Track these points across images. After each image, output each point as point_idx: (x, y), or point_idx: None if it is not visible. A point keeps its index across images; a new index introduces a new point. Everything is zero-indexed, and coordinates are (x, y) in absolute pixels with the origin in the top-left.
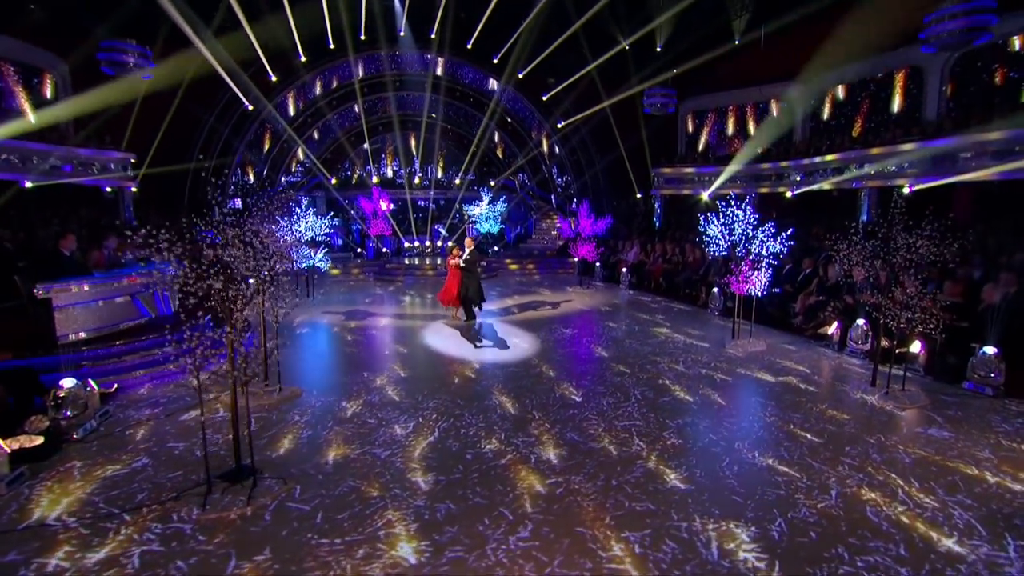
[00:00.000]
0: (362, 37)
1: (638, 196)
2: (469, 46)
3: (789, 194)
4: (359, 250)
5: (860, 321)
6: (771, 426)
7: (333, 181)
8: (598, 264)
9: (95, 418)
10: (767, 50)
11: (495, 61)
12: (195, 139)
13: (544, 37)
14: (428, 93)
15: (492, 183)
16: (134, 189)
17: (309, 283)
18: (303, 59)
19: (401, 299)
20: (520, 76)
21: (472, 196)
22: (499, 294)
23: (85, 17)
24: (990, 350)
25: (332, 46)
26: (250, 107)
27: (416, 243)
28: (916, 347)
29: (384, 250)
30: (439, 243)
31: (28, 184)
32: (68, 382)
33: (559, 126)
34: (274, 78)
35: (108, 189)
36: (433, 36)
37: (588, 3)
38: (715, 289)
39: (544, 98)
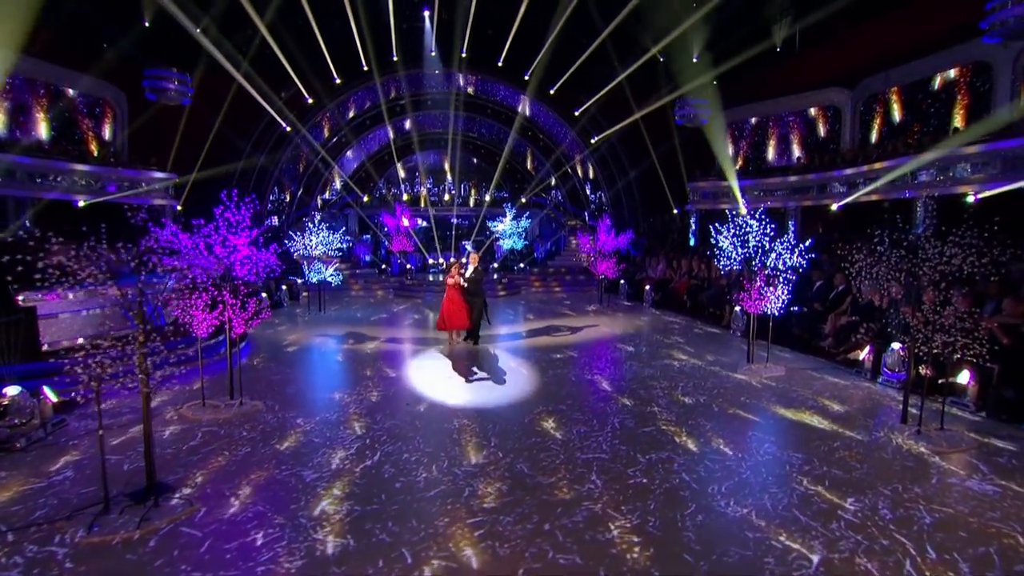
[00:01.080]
0: (394, 58)
1: (674, 212)
2: (500, 63)
3: (835, 207)
4: (383, 266)
5: (895, 345)
6: (761, 467)
7: (365, 199)
8: (623, 282)
9: (45, 427)
10: (811, 55)
11: (526, 78)
12: (233, 162)
13: (575, 50)
14: (453, 111)
15: (523, 199)
16: (179, 207)
17: (321, 298)
18: (338, 81)
19: (413, 317)
20: (552, 92)
21: (498, 212)
22: (514, 312)
23: (138, 50)
24: None
25: (365, 68)
26: (287, 128)
27: (440, 260)
28: (964, 377)
29: (408, 266)
30: (463, 260)
31: (80, 203)
32: (12, 390)
33: (592, 142)
34: (310, 100)
35: (154, 204)
36: (464, 55)
37: (616, 14)
38: (737, 308)
39: (576, 113)
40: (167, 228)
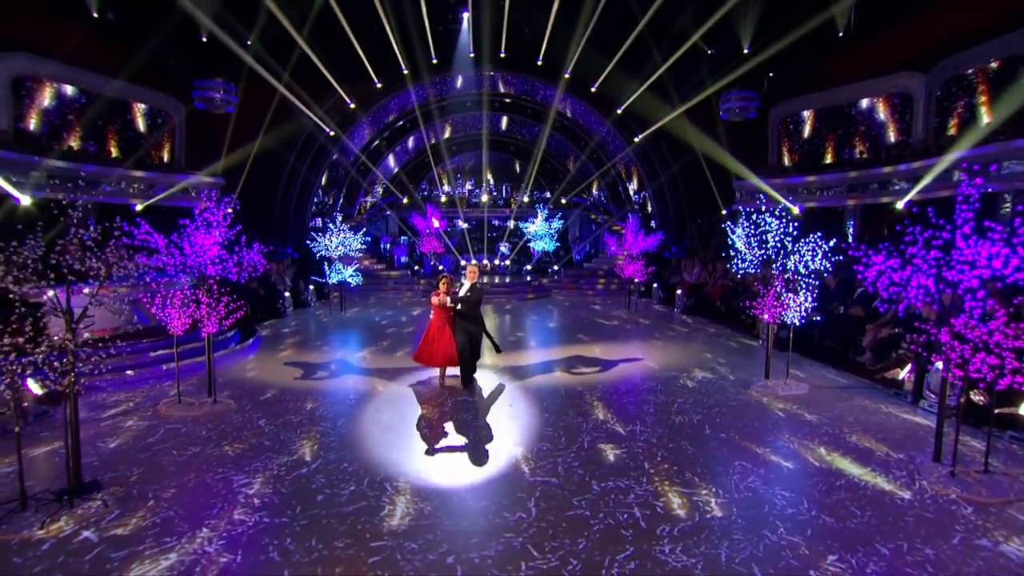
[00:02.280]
0: (433, 60)
1: (723, 212)
2: (539, 62)
3: (900, 204)
4: (416, 267)
5: (940, 365)
6: (732, 506)
7: (405, 201)
8: (656, 286)
9: (26, 419)
10: (878, 37)
11: (566, 76)
12: (280, 171)
13: (615, 45)
14: (490, 112)
15: (563, 200)
16: (231, 211)
17: (342, 298)
18: (379, 85)
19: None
20: (592, 90)
21: (532, 214)
22: (535, 316)
23: (193, 63)
24: None
25: (406, 71)
26: (331, 132)
27: (473, 261)
28: None
29: (441, 268)
30: (497, 261)
31: (138, 207)
32: None
33: (635, 140)
34: (352, 105)
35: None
36: (502, 55)
37: (656, 6)
38: (765, 316)
39: (619, 111)
40: (142, 227)
